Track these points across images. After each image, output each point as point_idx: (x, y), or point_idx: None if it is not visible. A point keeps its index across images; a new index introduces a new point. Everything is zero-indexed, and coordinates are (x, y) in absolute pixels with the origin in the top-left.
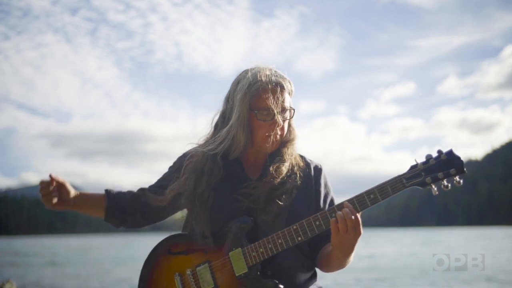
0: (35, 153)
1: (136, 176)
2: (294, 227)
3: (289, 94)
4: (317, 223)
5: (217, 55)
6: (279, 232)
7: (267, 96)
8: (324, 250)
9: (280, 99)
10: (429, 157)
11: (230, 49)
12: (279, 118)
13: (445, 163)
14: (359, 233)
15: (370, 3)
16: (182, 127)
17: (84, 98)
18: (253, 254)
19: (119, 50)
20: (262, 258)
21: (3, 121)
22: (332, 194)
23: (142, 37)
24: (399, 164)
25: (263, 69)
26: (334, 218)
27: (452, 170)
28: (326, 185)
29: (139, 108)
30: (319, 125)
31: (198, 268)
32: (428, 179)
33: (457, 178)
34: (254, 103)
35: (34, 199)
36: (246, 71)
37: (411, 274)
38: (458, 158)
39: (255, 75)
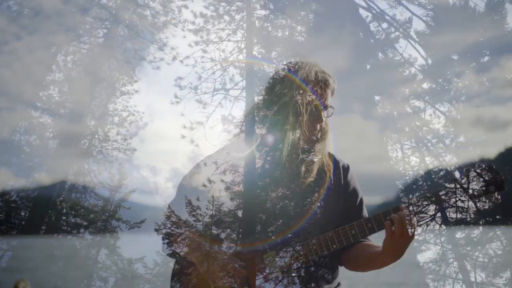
0: (47, 153)
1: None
2: (330, 234)
3: (332, 92)
4: (353, 232)
5: None
6: (314, 238)
7: (314, 92)
8: (361, 251)
9: (325, 96)
10: (469, 172)
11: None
12: (322, 115)
13: (485, 179)
14: (413, 237)
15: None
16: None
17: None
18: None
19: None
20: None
21: (15, 121)
22: (361, 194)
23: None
24: (413, 162)
25: (310, 65)
26: (388, 221)
27: (492, 187)
28: (354, 186)
29: (151, 108)
30: (333, 124)
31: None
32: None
33: (495, 194)
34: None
35: (47, 199)
36: (291, 65)
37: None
38: (499, 175)
39: (302, 71)
